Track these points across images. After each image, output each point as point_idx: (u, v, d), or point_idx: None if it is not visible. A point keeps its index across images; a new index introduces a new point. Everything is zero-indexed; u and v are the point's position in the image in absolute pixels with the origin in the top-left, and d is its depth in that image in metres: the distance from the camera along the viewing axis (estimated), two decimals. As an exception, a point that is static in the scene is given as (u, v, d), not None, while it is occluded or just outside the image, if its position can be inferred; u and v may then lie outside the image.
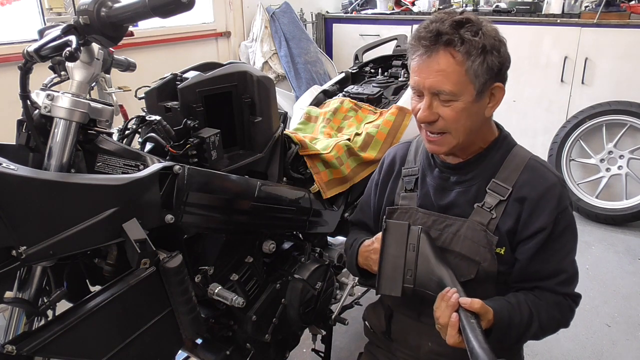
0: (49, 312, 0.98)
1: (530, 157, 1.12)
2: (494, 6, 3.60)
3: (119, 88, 2.51)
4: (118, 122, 1.48)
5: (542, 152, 3.35)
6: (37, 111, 0.96)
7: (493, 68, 1.00)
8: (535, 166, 1.10)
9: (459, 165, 1.14)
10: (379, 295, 1.32)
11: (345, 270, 1.78)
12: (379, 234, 1.14)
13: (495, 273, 1.09)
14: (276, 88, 1.56)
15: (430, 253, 1.07)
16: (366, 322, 1.38)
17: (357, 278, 1.62)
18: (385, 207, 1.27)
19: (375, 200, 1.33)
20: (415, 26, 1.09)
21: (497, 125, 1.18)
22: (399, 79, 2.09)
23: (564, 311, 1.09)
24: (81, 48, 0.90)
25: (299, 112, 1.92)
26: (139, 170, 0.99)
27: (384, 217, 1.26)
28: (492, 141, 1.13)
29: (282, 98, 3.39)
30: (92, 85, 1.02)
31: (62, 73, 0.94)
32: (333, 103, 1.88)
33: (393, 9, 4.09)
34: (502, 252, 1.08)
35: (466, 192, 1.12)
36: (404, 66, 2.14)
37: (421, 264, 1.07)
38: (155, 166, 0.98)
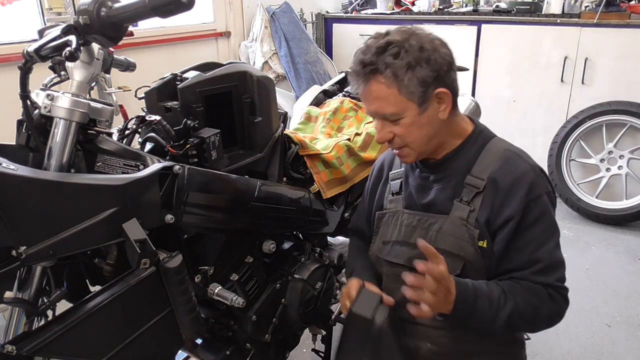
0: (49, 312, 0.99)
1: (505, 148, 1.12)
2: (494, 6, 3.60)
3: (119, 88, 2.51)
4: (118, 122, 1.48)
5: (542, 152, 3.35)
6: (37, 111, 0.96)
7: (426, 80, 1.03)
8: (508, 156, 1.10)
9: (436, 163, 1.16)
10: None
11: (345, 270, 1.78)
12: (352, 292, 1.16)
13: (482, 267, 1.09)
14: (276, 88, 1.56)
15: (391, 350, 1.07)
16: None
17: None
18: (374, 212, 1.29)
19: (366, 207, 1.36)
20: (416, 26, 1.10)
21: (472, 120, 1.19)
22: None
23: (542, 299, 1.06)
24: (81, 48, 0.90)
25: (299, 112, 1.93)
26: (139, 170, 0.99)
27: (375, 223, 1.28)
28: (467, 137, 1.15)
29: (282, 98, 3.39)
30: (92, 85, 1.02)
31: (62, 73, 0.95)
32: (333, 103, 1.88)
33: (393, 9, 4.09)
34: (484, 245, 1.08)
35: (445, 188, 1.14)
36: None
37: (385, 355, 1.07)
38: (155, 166, 0.98)
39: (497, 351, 1.16)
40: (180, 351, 1.39)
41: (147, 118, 1.11)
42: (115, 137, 1.08)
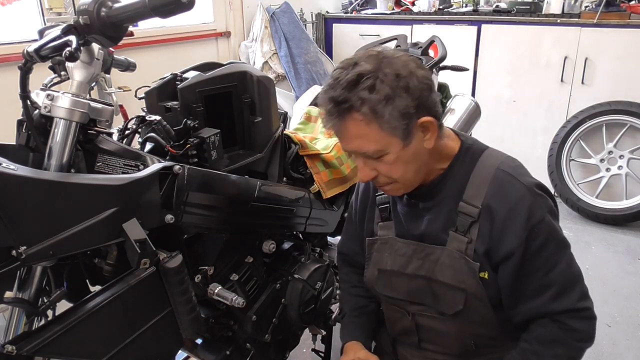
0: (49, 312, 0.98)
1: (498, 166, 1.01)
2: (494, 6, 3.60)
3: (119, 88, 2.51)
4: (118, 122, 1.48)
5: (542, 152, 3.35)
6: (37, 111, 0.96)
7: (408, 111, 0.91)
8: (502, 177, 0.99)
9: (423, 191, 1.06)
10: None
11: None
12: None
13: (486, 298, 1.02)
14: (276, 88, 1.56)
15: None
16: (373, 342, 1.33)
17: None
18: (365, 237, 1.22)
19: (357, 229, 1.28)
20: (416, 26, 1.08)
21: (458, 135, 1.08)
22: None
23: (566, 340, 0.98)
24: (81, 48, 0.90)
25: (299, 112, 1.93)
26: (139, 170, 0.99)
27: (367, 249, 1.21)
28: (454, 157, 1.04)
29: (282, 98, 3.39)
30: (92, 85, 1.02)
31: (62, 73, 0.94)
32: (333, 103, 1.87)
33: (393, 9, 4.09)
34: (485, 276, 1.01)
35: (437, 218, 1.05)
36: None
37: None
38: (155, 166, 0.98)
39: None
40: (180, 351, 1.39)
41: (147, 118, 1.11)
42: (115, 137, 1.08)
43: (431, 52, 1.99)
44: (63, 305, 0.95)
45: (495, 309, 1.05)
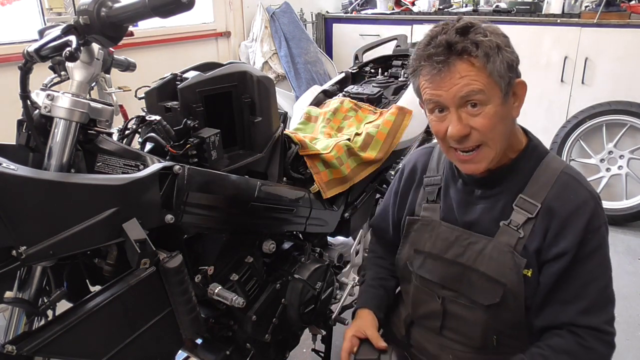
0: (49, 312, 0.98)
1: (563, 169, 1.02)
2: (494, 6, 3.60)
3: (119, 88, 2.51)
4: (118, 122, 1.48)
5: (542, 152, 3.35)
6: (37, 111, 0.96)
7: (512, 64, 0.95)
8: (567, 181, 1.00)
9: (484, 179, 1.05)
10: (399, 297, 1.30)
11: (345, 270, 1.78)
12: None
13: (522, 296, 1.01)
14: (276, 88, 1.56)
15: None
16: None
17: (357, 278, 1.62)
18: (406, 216, 1.22)
19: (395, 210, 1.28)
20: (416, 26, 1.08)
21: (525, 131, 1.09)
22: (399, 79, 2.09)
23: (579, 356, 0.96)
24: (81, 48, 0.90)
25: (299, 112, 1.92)
26: (139, 170, 0.99)
27: (404, 228, 1.21)
28: (521, 151, 1.04)
29: (282, 98, 3.39)
30: (92, 85, 1.02)
31: (62, 73, 0.94)
32: (333, 103, 1.88)
33: (393, 9, 4.09)
34: (529, 274, 1.00)
35: (492, 208, 1.05)
36: (404, 66, 2.14)
37: None
38: (155, 166, 0.98)
39: None
40: (180, 351, 1.39)
41: (147, 118, 1.11)
42: (115, 137, 1.07)
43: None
44: (63, 305, 0.95)
45: (528, 311, 1.04)
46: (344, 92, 2.01)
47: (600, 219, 0.98)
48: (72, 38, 0.87)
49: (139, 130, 1.12)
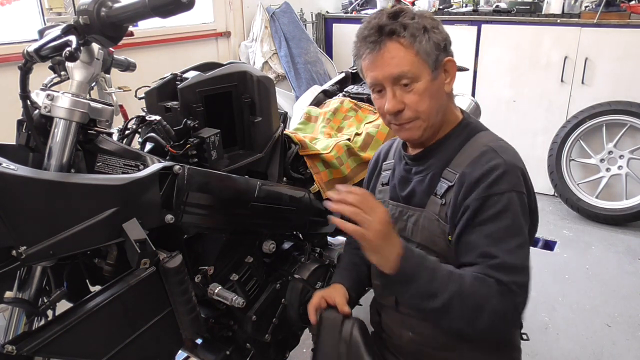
0: (49, 312, 0.99)
1: (486, 143, 1.07)
2: (494, 6, 3.60)
3: (119, 88, 2.51)
4: (118, 122, 1.48)
5: (542, 152, 3.35)
6: (37, 111, 0.96)
7: (439, 44, 1.04)
8: (485, 151, 1.04)
9: (418, 156, 1.15)
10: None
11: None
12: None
13: (453, 261, 1.04)
14: (276, 88, 1.56)
15: (363, 350, 1.07)
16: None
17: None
18: None
19: None
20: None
21: (462, 111, 1.17)
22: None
23: (491, 292, 0.94)
24: (81, 48, 0.90)
25: (299, 112, 1.93)
26: (139, 170, 0.99)
27: None
28: (453, 128, 1.13)
29: (282, 98, 3.39)
30: (92, 85, 1.02)
31: (62, 73, 0.95)
32: (333, 103, 1.88)
33: (393, 9, 4.09)
34: (451, 238, 1.05)
35: (422, 181, 1.13)
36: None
37: None
38: (155, 166, 0.98)
39: (482, 346, 1.10)
40: (180, 351, 1.39)
41: (147, 118, 1.11)
42: (115, 137, 1.08)
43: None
44: (63, 305, 0.95)
45: None
46: (344, 92, 2.01)
47: (509, 184, 1.00)
48: (72, 38, 0.87)
49: (139, 130, 1.13)
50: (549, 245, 2.89)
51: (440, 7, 3.96)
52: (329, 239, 1.75)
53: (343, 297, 1.21)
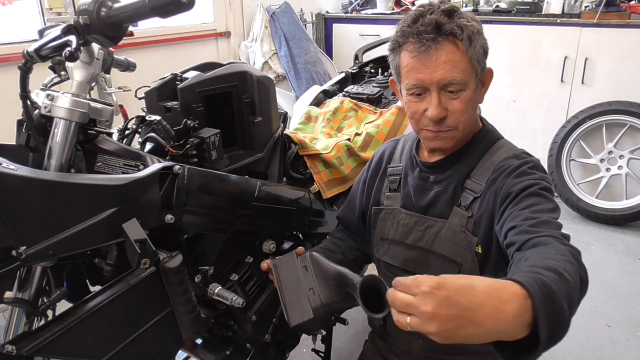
0: (49, 312, 0.98)
1: (514, 151, 1.06)
2: (494, 6, 3.60)
3: (119, 88, 2.51)
4: (118, 122, 1.48)
5: (542, 152, 3.35)
6: (37, 111, 0.96)
7: (486, 51, 1.00)
8: (515, 155, 1.04)
9: (437, 164, 1.10)
10: None
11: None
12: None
13: (477, 273, 1.05)
14: (276, 88, 1.56)
15: (322, 263, 1.05)
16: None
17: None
18: (371, 206, 1.26)
19: (362, 199, 1.31)
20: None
21: (481, 118, 1.13)
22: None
23: (572, 253, 0.83)
24: (81, 48, 0.90)
25: (299, 112, 1.93)
26: (139, 170, 0.99)
27: (372, 218, 1.24)
28: (474, 135, 1.09)
29: (282, 98, 3.39)
30: (92, 85, 1.02)
31: (62, 73, 0.94)
32: (333, 103, 1.88)
33: (393, 9, 4.09)
34: (479, 250, 1.03)
35: (444, 191, 1.09)
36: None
37: (318, 275, 1.05)
38: (155, 166, 0.98)
39: (489, 350, 1.08)
40: (180, 351, 1.39)
41: (147, 118, 1.11)
42: (115, 137, 1.07)
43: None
44: (63, 305, 0.95)
45: None
46: (344, 92, 2.01)
47: (544, 172, 1.00)
48: (72, 38, 0.87)
49: (139, 130, 1.12)
50: (549, 245, 2.89)
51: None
52: (329, 239, 1.75)
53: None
